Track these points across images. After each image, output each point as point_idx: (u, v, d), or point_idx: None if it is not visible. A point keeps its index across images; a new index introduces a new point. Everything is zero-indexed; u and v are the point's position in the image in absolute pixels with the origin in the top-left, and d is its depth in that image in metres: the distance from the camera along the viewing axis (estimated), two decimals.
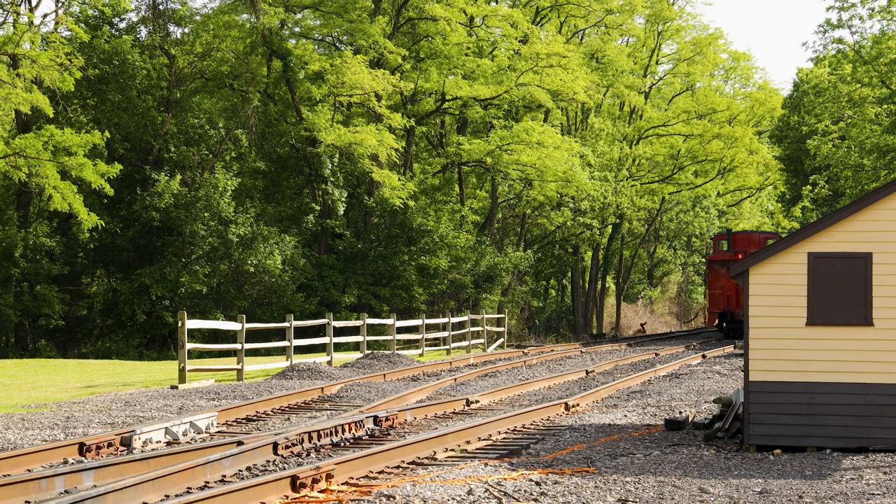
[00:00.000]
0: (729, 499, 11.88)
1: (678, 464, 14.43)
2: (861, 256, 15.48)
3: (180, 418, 17.01)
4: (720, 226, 77.78)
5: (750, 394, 15.64)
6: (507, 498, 11.45)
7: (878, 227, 15.50)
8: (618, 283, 73.13)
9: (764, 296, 15.66)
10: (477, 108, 51.54)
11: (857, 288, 15.45)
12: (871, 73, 49.39)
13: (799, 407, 15.51)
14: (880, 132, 49.01)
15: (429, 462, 14.50)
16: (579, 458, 14.95)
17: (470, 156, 50.91)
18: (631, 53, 66.39)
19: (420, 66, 50.78)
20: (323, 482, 12.05)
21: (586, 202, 58.40)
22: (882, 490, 12.59)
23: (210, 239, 43.81)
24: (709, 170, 72.07)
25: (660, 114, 69.34)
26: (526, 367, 33.85)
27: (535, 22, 55.90)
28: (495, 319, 49.78)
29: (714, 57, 72.63)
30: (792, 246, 15.73)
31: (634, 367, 33.81)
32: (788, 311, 15.59)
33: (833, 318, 15.49)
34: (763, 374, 15.60)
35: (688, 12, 71.52)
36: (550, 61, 50.96)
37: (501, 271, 50.96)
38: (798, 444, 15.52)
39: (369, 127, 46.08)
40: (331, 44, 53.46)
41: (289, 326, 31.27)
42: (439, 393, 24.96)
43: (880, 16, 50.28)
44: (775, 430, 15.57)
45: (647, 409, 21.49)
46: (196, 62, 47.95)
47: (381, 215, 48.88)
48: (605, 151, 61.62)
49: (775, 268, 15.71)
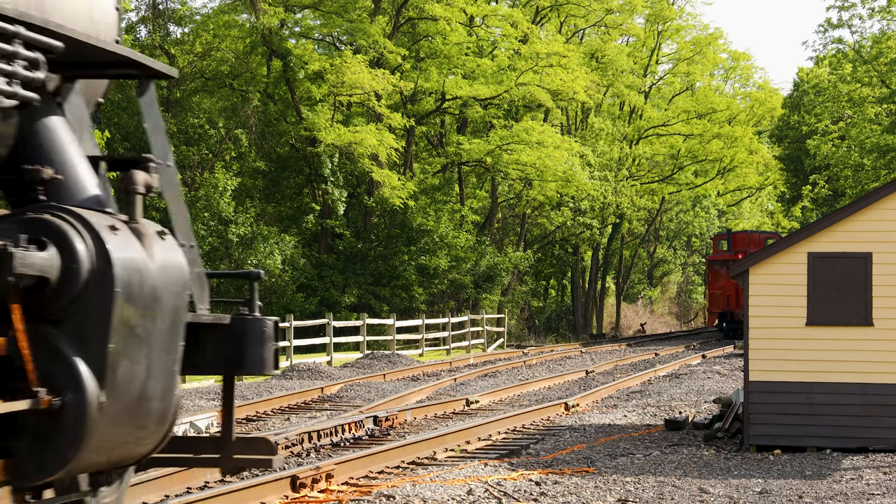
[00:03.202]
0: (729, 499, 11.88)
1: (678, 464, 14.43)
2: (861, 256, 15.48)
3: (180, 418, 17.01)
4: (720, 226, 77.75)
5: (750, 394, 15.64)
6: (507, 498, 11.45)
7: (878, 227, 15.50)
8: (618, 283, 73.11)
9: (764, 296, 15.66)
10: (477, 107, 51.52)
11: (857, 288, 15.45)
12: (871, 72, 49.40)
13: (799, 407, 15.51)
14: (880, 132, 49.01)
15: (429, 462, 14.50)
16: (579, 458, 14.95)
17: (470, 155, 50.91)
18: (631, 53, 66.35)
19: (420, 66, 50.77)
20: (323, 482, 12.05)
21: (586, 202, 58.38)
22: (882, 490, 12.59)
23: (210, 239, 43.82)
24: (709, 170, 72.04)
25: (660, 113, 69.32)
26: (526, 367, 33.86)
27: (535, 21, 55.88)
28: (495, 319, 49.78)
29: (714, 57, 72.59)
30: (792, 246, 15.73)
31: (634, 368, 33.82)
32: (788, 311, 15.59)
33: (833, 318, 15.49)
34: (763, 374, 15.60)
35: (688, 12, 71.50)
36: (550, 61, 50.95)
37: (501, 271, 50.95)
38: (798, 444, 15.52)
39: (369, 127, 46.07)
40: (331, 44, 53.44)
41: (289, 326, 31.28)
42: (439, 393, 24.96)
43: (880, 15, 50.29)
44: (775, 430, 15.57)
45: (647, 409, 21.50)
46: (196, 62, 47.95)
47: (381, 215, 48.88)
48: (604, 151, 61.61)
49: (775, 268, 15.71)
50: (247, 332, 8.88)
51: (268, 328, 8.88)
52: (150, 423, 7.68)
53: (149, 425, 7.68)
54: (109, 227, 7.11)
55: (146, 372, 7.50)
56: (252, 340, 8.85)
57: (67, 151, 7.68)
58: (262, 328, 8.85)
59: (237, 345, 8.81)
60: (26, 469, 6.83)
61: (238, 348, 8.80)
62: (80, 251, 6.87)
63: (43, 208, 7.06)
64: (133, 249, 7.28)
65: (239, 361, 8.79)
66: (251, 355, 8.78)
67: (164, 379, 7.71)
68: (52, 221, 6.86)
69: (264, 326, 8.85)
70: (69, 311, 6.96)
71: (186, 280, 7.94)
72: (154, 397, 7.65)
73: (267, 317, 8.83)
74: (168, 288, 7.60)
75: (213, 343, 8.65)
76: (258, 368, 8.69)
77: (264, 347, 8.81)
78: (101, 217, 7.16)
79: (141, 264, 7.33)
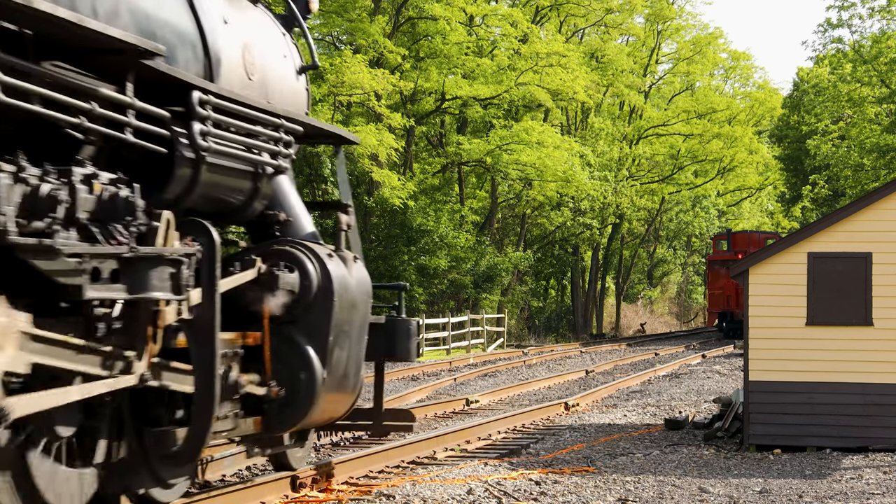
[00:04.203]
0: (729, 498, 11.88)
1: (678, 463, 14.44)
2: (861, 256, 15.48)
3: None
4: (720, 226, 77.72)
5: (750, 393, 15.64)
6: (507, 497, 11.45)
7: (878, 227, 15.50)
8: (617, 283, 73.11)
9: (764, 296, 15.67)
10: (477, 107, 51.51)
11: (856, 288, 15.45)
12: (870, 72, 49.40)
13: (799, 407, 15.51)
14: (880, 132, 49.02)
15: (429, 462, 14.50)
16: (579, 457, 14.95)
17: (470, 155, 50.89)
18: (631, 53, 66.32)
19: (420, 66, 50.75)
20: (323, 482, 12.05)
21: (586, 202, 58.35)
22: (882, 490, 12.59)
23: None
24: (709, 169, 72.00)
25: (659, 113, 69.28)
26: (526, 366, 33.86)
27: (535, 21, 55.86)
28: (495, 319, 49.77)
29: (714, 56, 72.57)
30: (792, 246, 15.73)
31: (634, 367, 33.82)
32: (788, 311, 15.59)
33: (833, 318, 15.50)
34: (763, 374, 15.60)
35: (687, 12, 71.48)
36: (550, 61, 50.93)
37: (501, 271, 50.94)
38: (798, 443, 15.53)
39: (369, 126, 46.05)
40: (330, 43, 53.43)
41: None
42: (439, 392, 24.96)
43: (880, 15, 50.31)
44: (775, 429, 15.57)
45: (647, 409, 21.50)
46: None
47: (380, 215, 48.87)
48: (604, 151, 61.59)
49: (775, 268, 15.71)
50: (397, 329, 12.07)
51: (412, 327, 12.13)
52: (347, 393, 10.75)
53: (347, 395, 10.77)
54: (327, 254, 10.26)
55: (347, 357, 10.52)
56: (401, 336, 12.08)
57: (292, 199, 10.76)
58: (408, 327, 12.12)
59: (389, 339, 11.97)
60: (273, 424, 9.87)
61: (390, 341, 11.99)
62: (312, 273, 10.01)
63: (284, 243, 10.19)
64: (342, 270, 10.38)
65: (391, 351, 12.05)
66: (401, 347, 12.08)
67: (356, 362, 10.79)
68: (294, 252, 10.04)
69: (409, 325, 12.13)
70: (303, 314, 9.97)
71: (370, 291, 10.98)
72: (351, 375, 10.68)
73: (411, 319, 12.13)
74: (361, 297, 10.69)
75: (373, 337, 11.49)
76: (405, 357, 12.19)
77: (410, 341, 12.11)
78: (321, 248, 10.30)
79: (346, 281, 10.41)
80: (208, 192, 9.22)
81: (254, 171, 9.75)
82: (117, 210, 7.58)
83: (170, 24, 8.79)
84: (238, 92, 9.50)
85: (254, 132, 9.67)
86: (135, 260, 7.65)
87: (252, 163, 9.68)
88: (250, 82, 9.90)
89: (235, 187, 9.65)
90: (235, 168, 9.49)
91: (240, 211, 9.98)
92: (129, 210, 7.64)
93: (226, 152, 9.20)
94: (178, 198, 8.87)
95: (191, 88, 8.71)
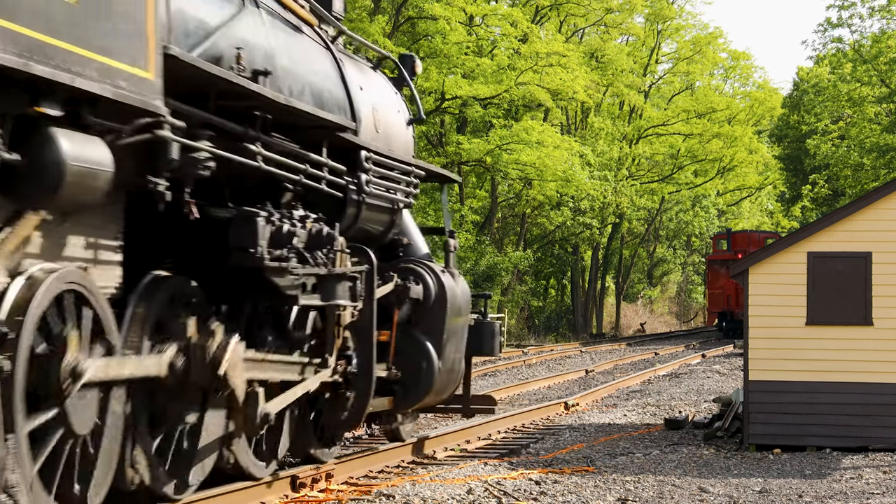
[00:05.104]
0: (728, 498, 11.87)
1: (678, 463, 14.44)
2: (861, 256, 15.48)
3: None
4: (720, 225, 77.70)
5: (750, 393, 15.64)
6: (507, 497, 11.45)
7: (878, 226, 15.50)
8: (617, 283, 73.09)
9: (764, 295, 15.66)
10: (477, 107, 51.49)
11: (856, 288, 15.45)
12: (870, 72, 49.41)
13: (799, 406, 15.51)
14: (880, 131, 49.03)
15: (428, 461, 14.50)
16: (579, 457, 14.95)
17: (469, 155, 50.87)
18: (630, 52, 66.29)
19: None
20: (323, 482, 12.05)
21: (586, 202, 58.33)
22: (882, 489, 12.59)
23: None
24: (708, 169, 71.95)
25: (659, 113, 69.24)
26: (526, 366, 33.85)
27: (535, 21, 55.84)
28: (495, 319, 49.74)
29: (714, 56, 72.53)
30: (792, 246, 15.73)
31: (634, 367, 33.82)
32: (788, 311, 15.59)
33: (833, 317, 15.49)
34: (763, 374, 15.60)
35: (687, 11, 71.44)
36: (550, 60, 50.91)
37: (501, 271, 50.93)
38: (798, 443, 15.52)
39: None
40: None
41: None
42: None
43: (880, 15, 50.32)
44: (775, 429, 15.57)
45: (647, 409, 21.51)
46: None
47: None
48: (604, 151, 61.56)
49: (775, 267, 15.71)
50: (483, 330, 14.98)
51: (496, 328, 15.15)
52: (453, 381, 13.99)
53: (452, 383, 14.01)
54: (441, 271, 13.50)
55: (455, 352, 13.74)
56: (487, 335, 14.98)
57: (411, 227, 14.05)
58: (493, 328, 15.09)
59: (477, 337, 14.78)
60: (399, 402, 13.28)
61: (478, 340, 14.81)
62: (431, 285, 13.29)
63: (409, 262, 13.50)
64: (451, 283, 13.58)
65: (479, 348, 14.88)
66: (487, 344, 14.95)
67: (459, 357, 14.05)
68: (418, 269, 13.34)
69: (494, 327, 15.12)
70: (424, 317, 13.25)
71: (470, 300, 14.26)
72: (455, 368, 13.93)
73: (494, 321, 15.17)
74: (464, 305, 14.01)
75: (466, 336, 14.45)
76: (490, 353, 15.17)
77: (494, 339, 15.06)
78: (436, 266, 13.57)
79: (455, 291, 13.67)
80: (363, 225, 12.24)
81: (391, 208, 12.85)
82: (322, 241, 10.40)
83: (333, 96, 11.55)
84: (370, 143, 12.22)
85: (395, 178, 12.81)
86: (328, 276, 10.53)
87: (391, 201, 12.80)
88: (377, 134, 12.59)
89: (381, 220, 12.76)
90: (382, 206, 12.57)
91: (380, 238, 12.99)
92: (329, 241, 10.49)
93: (377, 194, 12.29)
94: (345, 230, 11.53)
95: (360, 149, 11.86)
